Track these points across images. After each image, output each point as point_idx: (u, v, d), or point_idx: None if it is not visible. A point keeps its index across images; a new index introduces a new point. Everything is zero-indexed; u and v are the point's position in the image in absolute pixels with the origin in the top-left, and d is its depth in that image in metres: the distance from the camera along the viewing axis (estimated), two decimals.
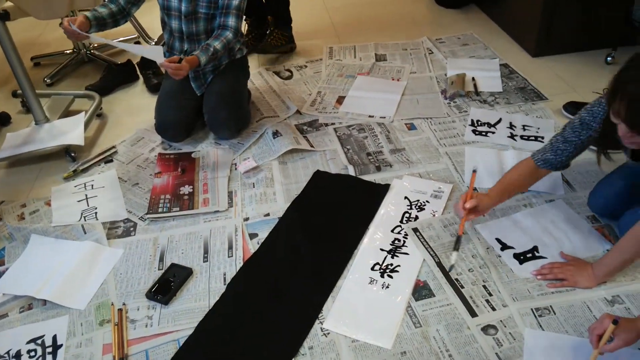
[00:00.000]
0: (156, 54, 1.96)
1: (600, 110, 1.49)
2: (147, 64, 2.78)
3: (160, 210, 1.94)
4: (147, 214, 1.93)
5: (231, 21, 2.14)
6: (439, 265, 1.66)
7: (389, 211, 1.89)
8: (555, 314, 1.50)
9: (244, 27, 2.98)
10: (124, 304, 1.62)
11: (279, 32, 2.90)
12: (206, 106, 2.26)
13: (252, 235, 1.82)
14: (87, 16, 1.98)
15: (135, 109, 2.58)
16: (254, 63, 2.85)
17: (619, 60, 2.69)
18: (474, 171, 1.75)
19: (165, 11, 2.17)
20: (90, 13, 2.00)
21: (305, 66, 2.83)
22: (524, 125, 2.26)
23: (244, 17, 2.32)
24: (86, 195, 2.04)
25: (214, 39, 2.12)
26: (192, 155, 2.20)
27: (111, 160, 2.24)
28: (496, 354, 1.41)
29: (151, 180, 2.09)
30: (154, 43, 3.15)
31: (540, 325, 1.47)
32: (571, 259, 1.63)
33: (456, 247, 1.67)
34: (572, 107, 2.29)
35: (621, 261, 1.48)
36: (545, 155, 1.64)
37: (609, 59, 2.70)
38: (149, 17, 3.21)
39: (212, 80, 2.28)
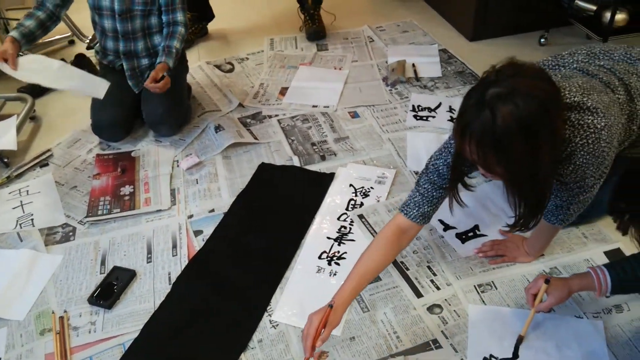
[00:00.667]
0: (97, 89, 1.95)
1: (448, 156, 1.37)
2: (81, 64, 2.68)
3: (100, 212, 1.88)
4: (86, 217, 1.87)
5: (180, 16, 2.14)
6: None
7: (334, 199, 1.89)
8: (497, 288, 1.55)
9: None
10: (65, 311, 1.57)
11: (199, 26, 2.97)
12: (144, 103, 2.20)
13: (197, 233, 1.79)
14: (14, 37, 1.89)
15: (70, 110, 2.49)
16: (194, 57, 2.79)
17: (552, 42, 2.79)
18: (330, 307, 1.28)
19: (96, 11, 2.09)
20: (16, 32, 1.91)
21: (247, 58, 2.80)
22: None
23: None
24: (21, 201, 1.96)
25: (171, 39, 2.12)
26: (132, 154, 2.14)
27: (47, 164, 2.15)
28: (442, 331, 1.44)
29: (90, 182, 2.02)
30: (87, 41, 3.04)
31: (483, 301, 1.51)
32: (510, 235, 1.68)
33: None
34: None
35: (544, 240, 1.56)
36: (422, 210, 1.41)
37: (542, 40, 2.79)
38: (80, 14, 3.09)
39: (149, 77, 2.21)
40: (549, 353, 1.37)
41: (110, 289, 1.60)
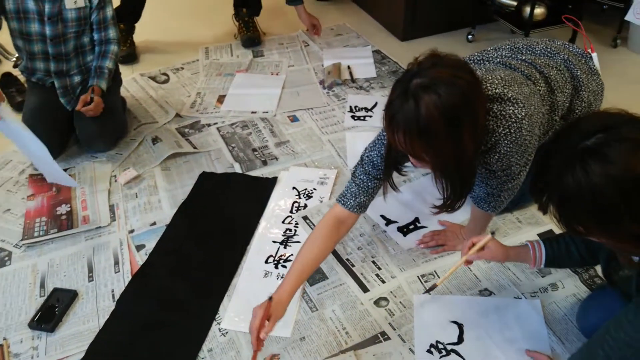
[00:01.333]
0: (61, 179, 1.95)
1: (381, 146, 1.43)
2: (9, 83, 2.58)
3: (36, 234, 1.81)
4: (22, 240, 1.80)
5: (112, 33, 2.14)
6: None
7: (278, 203, 1.90)
8: (439, 277, 1.60)
9: None
10: (4, 339, 1.50)
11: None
12: (77, 120, 2.13)
13: (140, 247, 1.76)
14: None
15: None
16: (127, 70, 2.74)
17: (479, 38, 2.91)
18: (270, 300, 1.31)
19: (23, 36, 2.02)
20: None
21: (182, 68, 2.77)
22: None
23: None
24: None
25: (103, 59, 2.12)
26: (67, 172, 2.08)
27: None
28: (389, 323, 1.48)
29: (24, 204, 1.95)
30: (14, 59, 2.92)
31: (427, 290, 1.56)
32: (449, 225, 1.74)
33: None
34: None
35: (480, 226, 1.62)
36: (358, 200, 1.45)
37: (469, 37, 2.91)
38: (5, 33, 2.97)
39: (81, 93, 2.16)
40: (492, 336, 1.43)
41: (52, 312, 1.55)
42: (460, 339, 1.43)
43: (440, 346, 1.41)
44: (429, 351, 1.40)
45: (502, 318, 1.48)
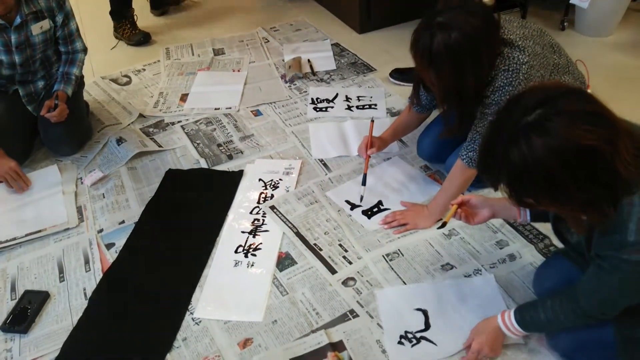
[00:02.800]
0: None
1: None
2: None
3: (3, 239, 1.81)
4: None
5: (79, 44, 2.20)
6: (298, 235, 1.76)
7: (245, 195, 1.94)
8: (403, 255, 1.67)
9: None
10: None
11: None
12: (41, 125, 2.13)
13: (109, 246, 1.77)
14: None
15: None
16: (88, 73, 2.72)
17: None
18: (372, 120, 1.94)
19: None
20: None
21: (144, 69, 2.78)
22: (358, 96, 2.44)
23: None
24: None
25: (70, 66, 2.16)
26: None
27: None
28: (357, 301, 1.54)
29: None
30: None
31: (392, 268, 1.63)
32: (410, 205, 1.81)
33: (363, 182, 1.86)
34: (397, 74, 2.52)
35: (448, 198, 1.68)
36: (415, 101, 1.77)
37: None
38: None
39: (44, 97, 2.15)
40: (454, 316, 1.47)
41: (24, 313, 1.55)
42: (427, 325, 1.45)
43: (410, 335, 1.43)
44: (400, 342, 1.41)
45: (461, 297, 1.52)
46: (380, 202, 1.86)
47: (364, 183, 1.85)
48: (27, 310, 1.57)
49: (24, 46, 2.00)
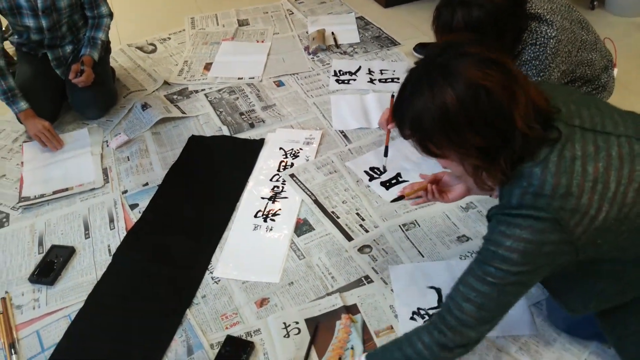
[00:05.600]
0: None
1: None
2: None
3: (32, 197, 1.88)
4: (18, 203, 1.86)
5: (104, 9, 2.21)
6: (316, 202, 1.79)
7: (266, 163, 1.97)
8: (420, 226, 1.69)
9: None
10: (6, 292, 1.58)
11: None
12: (70, 89, 2.18)
13: (133, 206, 1.83)
14: None
15: None
16: (115, 40, 2.76)
17: None
18: (392, 96, 1.89)
19: (19, 28, 2.07)
20: None
21: (169, 38, 2.81)
22: (381, 70, 2.44)
23: None
24: None
25: (97, 30, 2.19)
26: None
27: None
28: (372, 268, 1.57)
29: (18, 169, 2.01)
30: None
31: (408, 237, 1.65)
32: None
33: (385, 153, 1.87)
34: (421, 48, 2.51)
35: None
36: None
37: None
38: None
39: (72, 61, 2.20)
40: None
41: (51, 267, 1.62)
42: (440, 303, 1.46)
43: (422, 312, 1.44)
44: (412, 318, 1.42)
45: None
46: (398, 174, 1.87)
47: (385, 154, 1.87)
48: (54, 264, 1.63)
49: (50, 10, 2.04)
